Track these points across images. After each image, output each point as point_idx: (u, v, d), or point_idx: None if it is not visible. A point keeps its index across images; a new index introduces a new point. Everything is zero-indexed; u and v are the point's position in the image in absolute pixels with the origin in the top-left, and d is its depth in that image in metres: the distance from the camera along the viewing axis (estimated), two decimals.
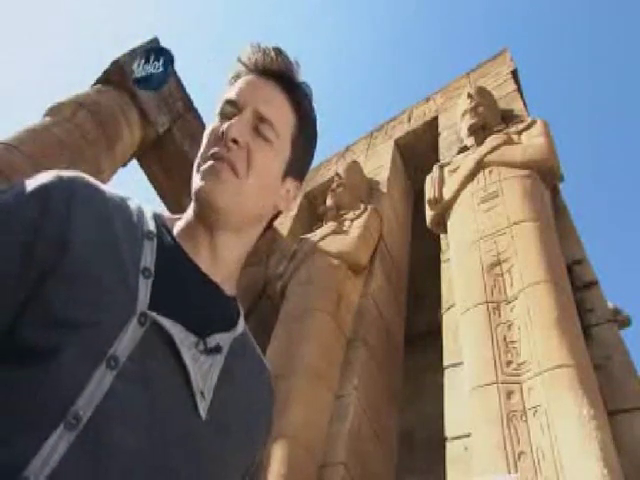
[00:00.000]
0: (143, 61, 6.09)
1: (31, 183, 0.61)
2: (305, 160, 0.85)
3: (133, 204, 0.71)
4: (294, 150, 0.79)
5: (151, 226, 0.69)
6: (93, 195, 0.64)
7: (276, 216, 0.84)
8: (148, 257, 0.64)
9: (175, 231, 0.74)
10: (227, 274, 0.76)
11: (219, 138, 0.72)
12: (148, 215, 0.71)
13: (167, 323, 0.60)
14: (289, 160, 0.79)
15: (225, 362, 0.67)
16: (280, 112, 0.77)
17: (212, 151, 0.72)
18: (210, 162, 0.71)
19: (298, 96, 0.80)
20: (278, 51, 0.80)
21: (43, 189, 0.60)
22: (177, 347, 0.60)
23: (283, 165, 0.78)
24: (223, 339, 0.68)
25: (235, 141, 0.71)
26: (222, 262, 0.74)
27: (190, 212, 0.75)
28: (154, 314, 0.59)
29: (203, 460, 0.60)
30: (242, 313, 0.78)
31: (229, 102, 0.76)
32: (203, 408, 0.61)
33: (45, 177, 0.62)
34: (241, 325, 0.75)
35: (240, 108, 0.75)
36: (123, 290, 0.59)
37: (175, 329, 0.61)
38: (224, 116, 0.75)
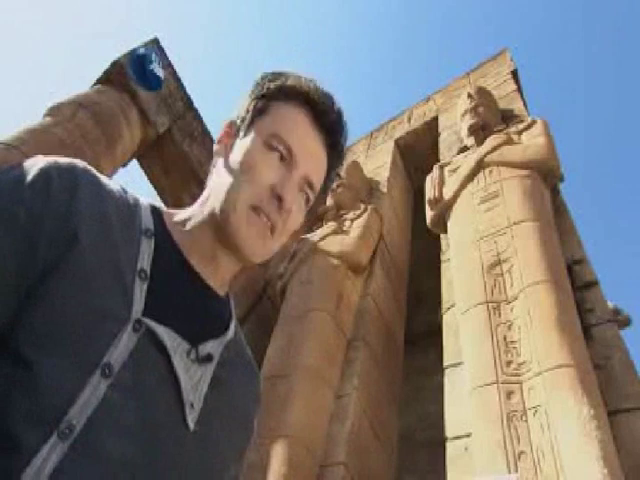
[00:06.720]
0: (143, 64, 6.09)
1: (28, 170, 0.57)
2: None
3: (131, 197, 0.69)
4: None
5: (149, 223, 0.67)
6: (94, 185, 0.62)
7: None
8: (145, 257, 0.62)
9: (175, 230, 0.72)
10: (222, 282, 0.75)
11: (272, 194, 0.70)
12: (146, 210, 0.69)
13: (161, 331, 0.59)
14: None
15: (215, 371, 0.66)
16: (322, 172, 0.79)
17: (263, 205, 0.70)
18: (262, 218, 0.70)
19: (340, 154, 0.82)
20: (334, 102, 0.79)
21: (44, 177, 0.56)
22: (170, 356, 0.59)
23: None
24: (215, 347, 0.67)
25: (287, 210, 0.72)
26: (219, 274, 0.74)
27: (200, 217, 0.73)
28: (149, 321, 0.58)
29: (189, 472, 0.60)
30: (234, 314, 0.77)
31: (286, 147, 0.73)
32: (192, 419, 0.60)
33: (43, 164, 0.59)
34: (232, 328, 0.74)
35: (293, 161, 0.73)
36: (119, 293, 0.57)
37: (169, 337, 0.60)
38: (273, 150, 0.73)
